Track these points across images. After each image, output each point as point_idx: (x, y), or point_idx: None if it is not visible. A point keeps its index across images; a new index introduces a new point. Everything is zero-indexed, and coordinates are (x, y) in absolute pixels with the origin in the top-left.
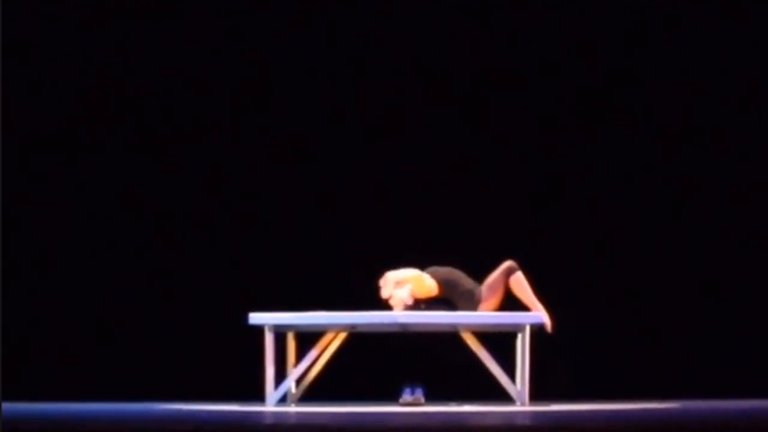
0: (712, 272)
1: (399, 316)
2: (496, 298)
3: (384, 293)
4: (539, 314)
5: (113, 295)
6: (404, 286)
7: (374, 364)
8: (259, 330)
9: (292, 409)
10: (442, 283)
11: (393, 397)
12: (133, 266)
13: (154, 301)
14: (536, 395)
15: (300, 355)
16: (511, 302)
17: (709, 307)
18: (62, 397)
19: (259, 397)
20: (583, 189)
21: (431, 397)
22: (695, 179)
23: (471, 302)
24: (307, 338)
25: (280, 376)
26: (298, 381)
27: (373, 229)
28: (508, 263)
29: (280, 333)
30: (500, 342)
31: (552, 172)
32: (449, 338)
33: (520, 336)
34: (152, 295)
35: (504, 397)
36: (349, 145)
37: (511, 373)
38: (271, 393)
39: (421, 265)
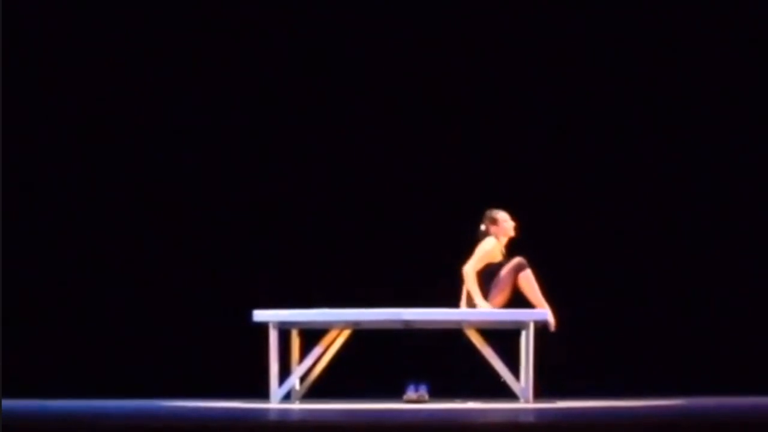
0: (717, 268)
1: (403, 312)
2: (503, 296)
3: None
4: (543, 311)
5: (116, 291)
6: None
7: (378, 361)
8: (263, 327)
9: (296, 406)
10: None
11: (397, 394)
12: (137, 263)
13: (158, 298)
14: (540, 392)
15: (304, 352)
16: (515, 299)
17: (714, 303)
18: (65, 394)
19: (264, 394)
20: (586, 186)
21: (435, 394)
22: (696, 176)
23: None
24: (311, 335)
25: (285, 373)
26: (302, 378)
27: (378, 227)
28: (517, 260)
29: (284, 330)
30: (504, 339)
31: (557, 169)
32: (453, 335)
33: (524, 333)
34: (156, 291)
35: (508, 394)
36: (355, 143)
37: (515, 371)
38: (276, 390)
39: (426, 266)
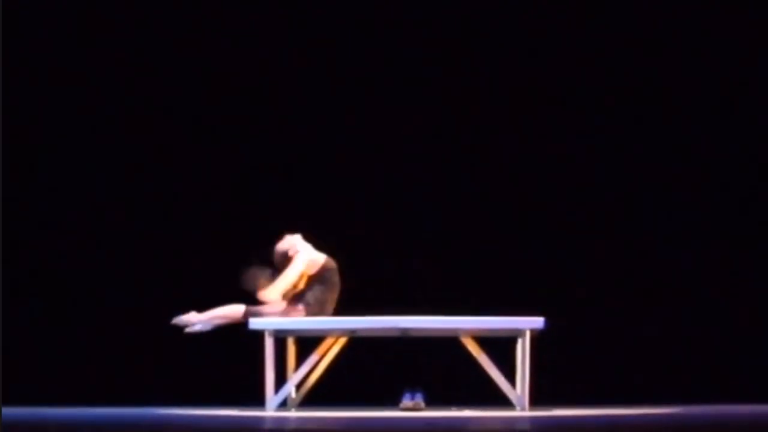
0: (711, 275)
1: (399, 320)
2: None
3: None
4: (540, 319)
5: (112, 299)
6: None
7: (374, 369)
8: (259, 335)
9: (293, 413)
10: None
11: (393, 402)
12: (131, 270)
13: (153, 305)
14: (536, 400)
15: (300, 360)
16: (512, 306)
17: (710, 310)
18: (61, 401)
19: (260, 401)
20: (582, 193)
21: (431, 402)
22: (689, 183)
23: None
24: (308, 343)
25: (281, 380)
26: (298, 386)
27: (374, 231)
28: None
29: (280, 338)
30: (500, 347)
31: (549, 176)
32: (450, 343)
33: (520, 341)
34: (151, 299)
35: (504, 402)
36: (350, 148)
37: (511, 378)
38: (272, 398)
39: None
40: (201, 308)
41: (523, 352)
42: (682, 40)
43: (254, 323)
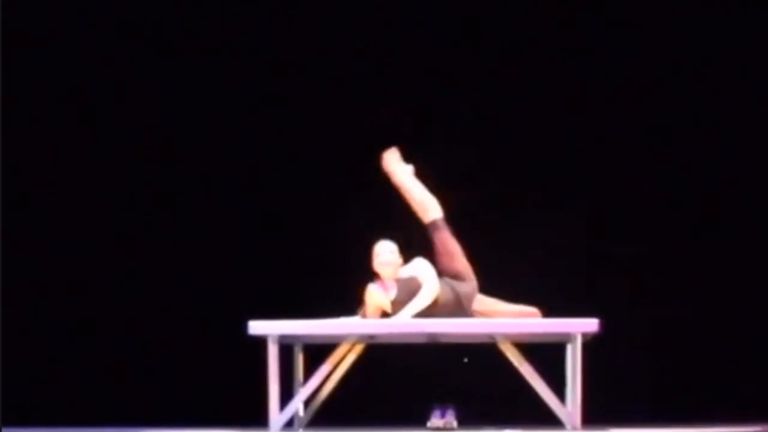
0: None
1: (426, 324)
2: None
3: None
4: (594, 321)
5: (106, 317)
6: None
7: (397, 382)
8: (260, 341)
9: None
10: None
11: (419, 421)
12: (121, 275)
13: (141, 312)
14: (590, 418)
15: (309, 371)
16: (558, 307)
17: None
18: (56, 422)
19: (262, 420)
20: (594, 202)
21: (464, 421)
22: (710, 191)
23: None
24: (318, 351)
25: (286, 396)
26: (307, 402)
27: (392, 225)
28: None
29: (285, 345)
30: (546, 354)
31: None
32: (486, 350)
33: (570, 347)
34: (140, 305)
35: (551, 420)
36: (355, 143)
37: (559, 392)
38: (276, 416)
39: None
40: (187, 309)
41: (573, 361)
42: None
43: (255, 328)
